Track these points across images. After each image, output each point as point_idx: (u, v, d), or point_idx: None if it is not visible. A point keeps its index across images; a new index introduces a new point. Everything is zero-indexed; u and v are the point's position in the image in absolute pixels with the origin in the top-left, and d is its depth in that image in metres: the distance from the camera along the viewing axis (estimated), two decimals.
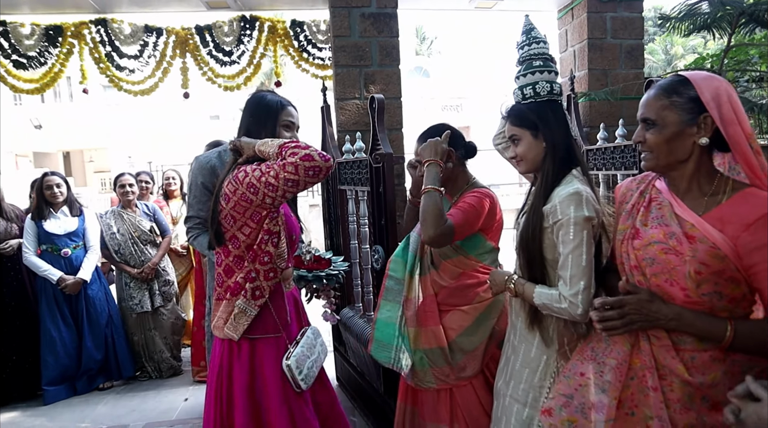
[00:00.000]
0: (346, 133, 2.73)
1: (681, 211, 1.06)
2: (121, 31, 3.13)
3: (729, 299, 1.01)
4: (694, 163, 1.06)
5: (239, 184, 1.36)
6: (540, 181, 1.31)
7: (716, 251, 0.99)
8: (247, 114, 1.53)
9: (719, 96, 1.01)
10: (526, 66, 1.37)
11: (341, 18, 2.81)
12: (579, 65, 3.22)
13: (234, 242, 1.42)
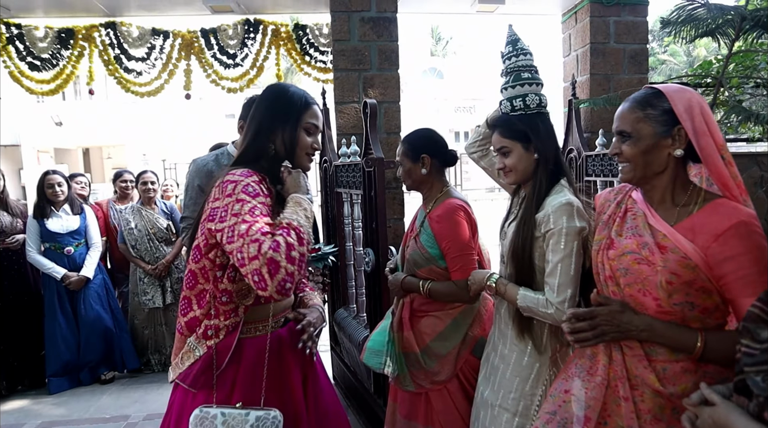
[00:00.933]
0: (344, 136, 2.78)
1: (654, 222, 1.07)
2: (130, 34, 3.24)
3: (701, 309, 1.02)
4: (669, 175, 1.08)
5: (222, 194, 1.11)
6: (532, 192, 1.34)
7: (687, 261, 1.00)
8: (263, 107, 1.26)
9: (692, 108, 1.03)
10: (514, 77, 1.39)
11: (341, 22, 2.86)
12: (582, 69, 3.20)
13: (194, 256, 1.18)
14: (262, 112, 1.25)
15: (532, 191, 1.34)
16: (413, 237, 1.71)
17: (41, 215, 3.08)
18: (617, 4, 3.08)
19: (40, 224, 3.10)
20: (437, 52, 17.36)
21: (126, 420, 2.78)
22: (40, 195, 3.10)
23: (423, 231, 1.67)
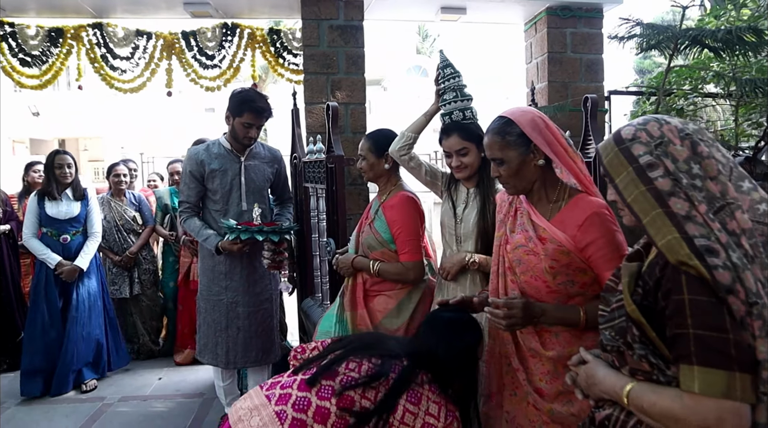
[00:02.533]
0: (313, 134, 3.17)
1: (536, 218, 1.36)
2: (115, 34, 3.62)
3: (580, 285, 1.31)
4: (540, 180, 1.37)
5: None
6: (484, 183, 1.77)
7: (562, 248, 1.29)
8: None
9: (537, 126, 1.31)
10: (459, 94, 1.86)
11: (311, 29, 3.26)
12: (541, 77, 3.62)
13: None
14: (449, 352, 1.42)
15: (485, 183, 1.76)
16: (368, 223, 2.10)
17: (48, 196, 3.09)
18: (573, 17, 3.50)
19: (40, 207, 3.09)
20: (424, 49, 17.79)
21: (102, 401, 3.10)
22: (48, 175, 3.12)
23: (377, 217, 2.05)
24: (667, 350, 0.87)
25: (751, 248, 0.85)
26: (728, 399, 0.78)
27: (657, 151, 0.90)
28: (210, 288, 2.53)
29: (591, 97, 2.50)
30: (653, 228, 0.88)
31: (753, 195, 0.91)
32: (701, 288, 0.82)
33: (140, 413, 2.96)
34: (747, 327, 0.80)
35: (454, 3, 3.47)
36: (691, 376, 0.81)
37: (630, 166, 0.91)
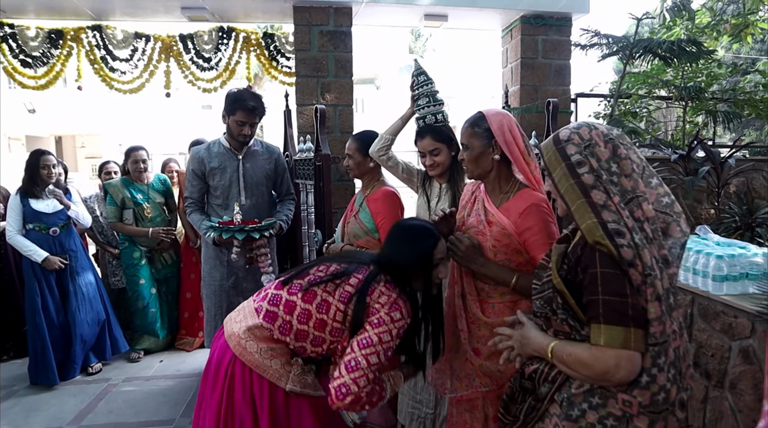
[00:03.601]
0: (304, 134, 3.31)
1: (488, 205, 1.57)
2: (114, 36, 3.70)
3: (516, 263, 1.52)
4: (495, 172, 1.56)
5: (384, 305, 1.39)
6: (454, 179, 1.94)
7: (504, 231, 1.50)
8: None
9: (502, 126, 1.53)
10: (432, 99, 2.03)
11: (302, 34, 3.39)
12: (514, 80, 3.80)
13: None
14: (405, 254, 1.52)
15: (455, 179, 1.93)
16: (353, 215, 2.26)
17: (31, 195, 3.08)
18: (544, 25, 3.68)
19: (24, 204, 3.07)
20: (416, 49, 17.91)
21: (107, 382, 3.22)
22: (32, 175, 3.09)
23: (362, 210, 2.22)
24: (582, 314, 1.05)
25: (652, 232, 1.04)
26: (625, 349, 0.97)
27: (585, 152, 1.07)
28: (212, 274, 2.60)
29: (553, 101, 2.68)
30: (578, 214, 1.04)
31: (659, 190, 1.10)
32: (610, 262, 0.99)
33: (143, 391, 3.08)
34: (642, 293, 0.99)
35: (436, 11, 3.63)
36: (599, 332, 1.00)
37: (563, 162, 1.08)
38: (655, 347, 0.99)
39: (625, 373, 0.98)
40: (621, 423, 1.02)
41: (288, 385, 1.45)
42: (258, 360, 1.45)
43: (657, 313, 0.99)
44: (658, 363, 1.00)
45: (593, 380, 1.03)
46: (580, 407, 1.06)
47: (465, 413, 1.60)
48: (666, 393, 1.01)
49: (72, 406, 2.90)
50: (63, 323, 3.21)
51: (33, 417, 2.79)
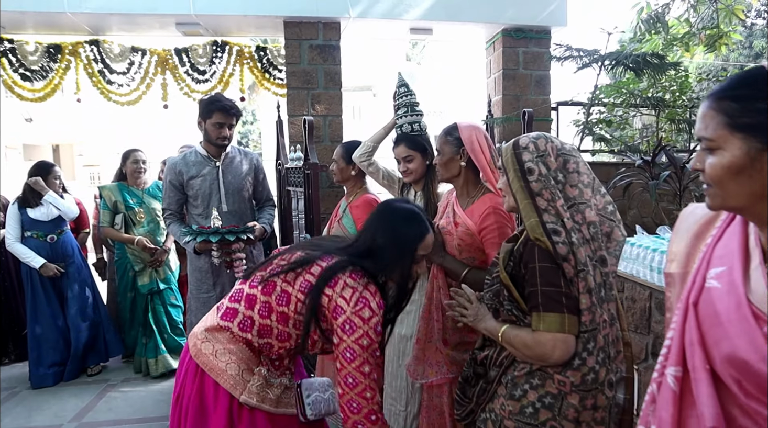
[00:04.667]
0: (294, 144, 3.46)
1: (456, 208, 1.72)
2: (111, 50, 3.85)
3: (479, 261, 1.66)
4: (463, 177, 1.73)
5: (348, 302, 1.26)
6: (428, 186, 2.07)
7: (468, 231, 1.64)
8: None
9: (471, 137, 1.70)
10: (410, 109, 2.15)
11: (293, 48, 3.55)
12: (497, 90, 3.96)
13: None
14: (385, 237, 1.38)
15: (429, 187, 2.05)
16: (337, 220, 2.40)
17: (27, 205, 3.18)
18: (525, 38, 3.85)
19: (21, 212, 3.18)
20: (413, 56, 18.15)
21: (106, 383, 3.32)
22: (30, 184, 3.19)
23: (345, 215, 2.35)
24: (525, 304, 1.19)
25: (591, 234, 1.18)
26: (560, 333, 1.12)
27: (537, 161, 1.21)
28: (199, 287, 2.55)
29: (528, 111, 2.85)
30: (524, 212, 1.19)
31: (606, 198, 1.26)
32: (547, 257, 1.13)
33: (141, 391, 3.19)
34: (575, 285, 1.13)
35: (421, 25, 3.79)
36: (538, 319, 1.14)
37: (517, 166, 1.22)
38: (585, 334, 1.14)
39: (560, 353, 1.13)
40: (557, 400, 1.16)
41: (243, 396, 1.31)
42: (213, 362, 1.34)
43: (587, 304, 1.13)
44: (588, 348, 1.14)
45: (535, 360, 1.17)
46: (522, 387, 1.20)
47: (436, 398, 1.74)
48: (595, 374, 1.15)
49: (73, 405, 3.01)
50: (62, 327, 3.30)
51: (35, 415, 2.89)
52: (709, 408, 0.76)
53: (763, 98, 0.72)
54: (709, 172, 0.77)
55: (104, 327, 3.48)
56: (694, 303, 0.82)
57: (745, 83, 0.75)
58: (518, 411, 1.21)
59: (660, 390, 0.85)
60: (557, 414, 1.17)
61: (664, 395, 0.84)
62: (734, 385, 0.75)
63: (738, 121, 0.73)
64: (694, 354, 0.80)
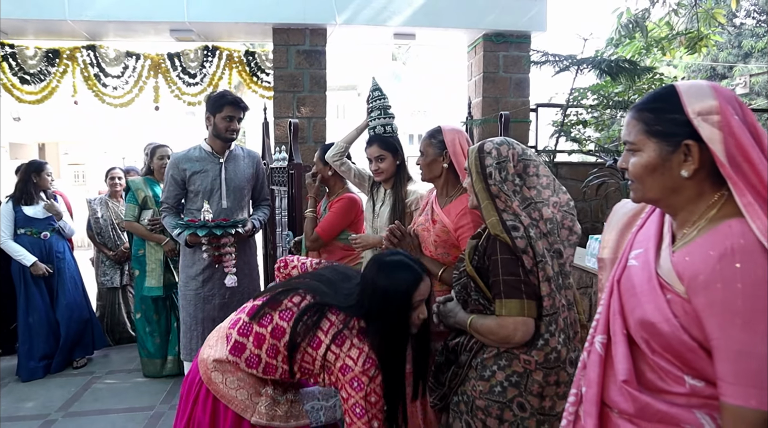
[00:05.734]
0: (280, 145, 3.74)
1: (435, 206, 1.85)
2: (107, 55, 4.16)
3: (453, 257, 1.78)
4: (444, 178, 1.85)
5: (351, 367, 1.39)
6: (398, 186, 2.33)
7: (445, 228, 1.76)
8: None
9: (454, 140, 1.82)
10: (383, 112, 2.42)
11: (281, 53, 3.85)
12: (477, 93, 4.26)
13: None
14: (378, 295, 1.45)
15: (398, 186, 2.33)
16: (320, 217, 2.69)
17: (24, 202, 3.36)
18: (505, 42, 4.15)
19: (16, 210, 3.33)
20: (399, 56, 18.51)
21: (92, 375, 3.54)
22: (27, 181, 3.38)
23: (324, 213, 2.65)
24: (490, 293, 1.36)
25: (549, 229, 1.38)
26: (521, 316, 1.29)
27: (498, 166, 1.38)
28: (188, 283, 2.63)
29: (505, 113, 3.13)
30: (485, 211, 1.37)
31: (567, 196, 1.48)
32: (507, 250, 1.31)
33: (126, 382, 3.41)
34: (535, 275, 1.31)
35: (405, 30, 4.09)
36: (501, 306, 1.31)
37: (480, 169, 1.39)
38: (547, 317, 1.31)
39: (521, 335, 1.30)
40: (522, 378, 1.33)
41: (254, 417, 1.45)
42: (223, 390, 1.47)
43: (547, 291, 1.31)
44: (550, 329, 1.31)
45: (500, 343, 1.34)
46: (491, 369, 1.36)
47: (408, 387, 1.95)
48: (557, 353, 1.31)
49: (59, 396, 3.16)
50: (52, 320, 3.49)
51: (23, 405, 3.08)
52: (623, 365, 0.95)
53: (673, 111, 0.90)
54: (632, 169, 0.96)
55: (93, 322, 3.69)
56: (617, 280, 1.01)
57: (660, 98, 0.94)
58: (488, 391, 1.36)
59: (590, 356, 1.04)
60: (523, 391, 1.33)
61: (593, 359, 1.02)
62: (644, 344, 0.93)
63: (653, 128, 0.92)
64: (616, 322, 0.99)
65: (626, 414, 0.96)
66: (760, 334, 0.78)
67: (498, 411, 1.35)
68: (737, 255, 0.81)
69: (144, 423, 2.87)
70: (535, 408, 1.34)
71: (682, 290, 0.86)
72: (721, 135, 0.86)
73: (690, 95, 0.90)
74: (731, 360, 0.80)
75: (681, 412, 0.88)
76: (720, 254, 0.82)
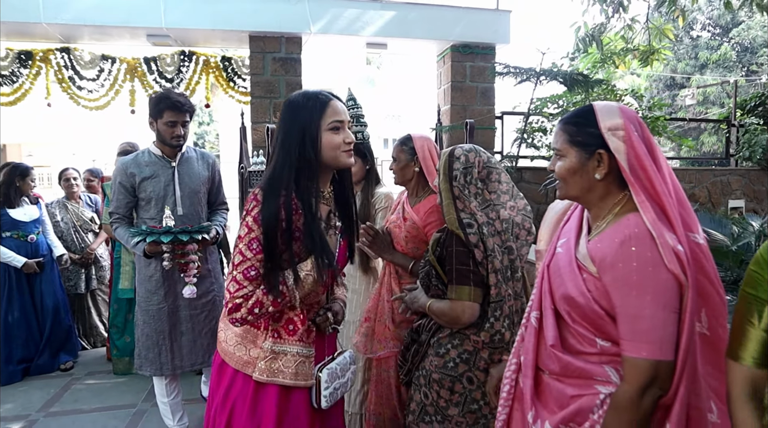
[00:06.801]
0: (258, 148, 3.92)
1: (406, 206, 2.08)
2: (82, 58, 4.23)
3: (422, 251, 1.99)
4: (415, 181, 2.08)
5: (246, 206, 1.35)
6: (366, 188, 2.54)
7: (415, 225, 2.00)
8: (283, 123, 1.40)
9: (423, 147, 2.06)
10: (356, 121, 2.66)
11: (257, 60, 4.03)
12: (446, 101, 4.54)
13: None
14: (283, 128, 1.36)
15: (367, 188, 2.55)
16: None
17: (8, 205, 3.43)
18: (471, 53, 4.45)
19: (1, 214, 3.39)
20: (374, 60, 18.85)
21: (71, 376, 3.61)
22: (11, 185, 3.43)
23: None
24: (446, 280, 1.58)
25: (503, 228, 1.59)
26: (468, 301, 1.52)
27: (464, 170, 1.59)
28: (149, 298, 2.48)
29: (470, 121, 3.42)
30: (446, 208, 1.58)
31: (524, 201, 1.71)
32: (461, 244, 1.53)
33: (107, 383, 3.49)
34: (484, 267, 1.52)
35: (376, 40, 4.34)
36: (452, 291, 1.54)
37: (448, 171, 1.60)
38: (493, 304, 1.53)
39: (467, 317, 1.52)
40: (472, 355, 1.55)
41: (255, 374, 1.39)
42: (226, 349, 1.47)
43: (494, 281, 1.53)
44: (496, 315, 1.54)
45: (450, 324, 1.56)
46: (445, 347, 1.58)
47: (384, 372, 2.08)
48: (501, 335, 1.54)
49: (38, 398, 3.22)
50: (33, 325, 3.55)
51: (2, 407, 3.11)
52: (551, 332, 1.19)
53: (590, 125, 1.15)
54: (558, 172, 1.19)
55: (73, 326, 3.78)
56: (547, 265, 1.24)
57: (581, 114, 1.18)
58: (442, 366, 1.57)
59: (527, 330, 1.27)
60: (472, 366, 1.55)
61: (530, 331, 1.25)
62: (566, 315, 1.16)
63: (575, 139, 1.16)
64: (546, 299, 1.22)
65: (554, 374, 1.20)
66: (648, 300, 1.03)
67: (450, 384, 1.58)
68: (633, 240, 1.06)
69: (127, 420, 2.96)
70: (481, 382, 1.57)
71: (594, 270, 1.10)
72: (624, 147, 1.11)
73: (603, 113, 1.15)
74: (628, 322, 1.05)
75: (593, 367, 1.13)
76: (621, 240, 1.07)
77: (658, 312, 1.03)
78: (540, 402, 1.23)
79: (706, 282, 1.11)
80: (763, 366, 0.98)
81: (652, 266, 1.04)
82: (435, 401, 1.60)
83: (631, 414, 1.04)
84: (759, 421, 0.97)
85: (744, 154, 5.83)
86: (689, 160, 10.00)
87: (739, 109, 6.21)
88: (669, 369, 1.04)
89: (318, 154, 1.35)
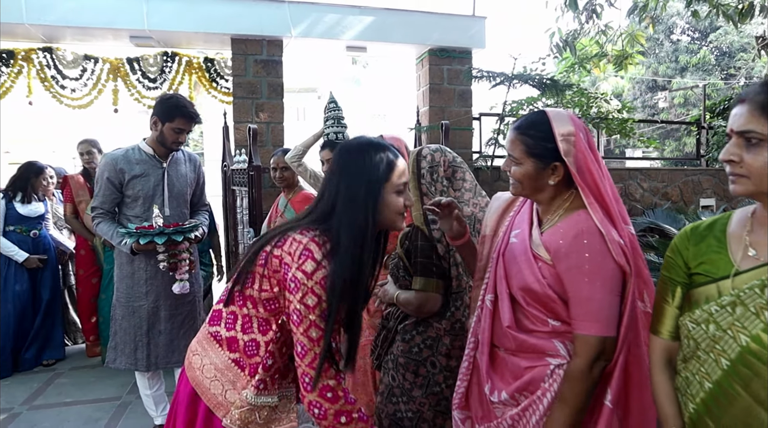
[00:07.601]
0: (239, 148, 4.04)
1: None
2: (64, 57, 4.30)
3: (393, 245, 1.93)
4: None
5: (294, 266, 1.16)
6: None
7: None
8: (346, 175, 1.26)
9: (400, 148, 2.31)
10: (337, 122, 2.82)
11: (239, 61, 4.16)
12: (425, 102, 4.72)
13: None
14: (347, 179, 1.23)
15: None
16: (279, 215, 3.02)
17: (21, 200, 3.55)
18: (449, 56, 4.64)
19: (9, 208, 3.50)
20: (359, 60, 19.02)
21: (54, 371, 3.69)
22: (26, 181, 3.60)
23: (287, 210, 2.99)
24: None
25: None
26: (430, 292, 1.64)
27: (431, 169, 1.69)
28: (129, 295, 2.50)
29: (445, 123, 3.59)
30: (414, 206, 1.67)
31: (487, 199, 1.83)
32: (425, 239, 1.65)
33: (91, 376, 3.59)
34: (446, 260, 1.65)
35: (356, 44, 4.49)
36: (417, 282, 1.65)
37: (416, 170, 1.70)
38: (454, 294, 1.67)
39: (429, 306, 1.65)
40: (435, 342, 1.68)
41: (224, 420, 1.26)
42: (199, 378, 1.31)
43: (455, 274, 1.67)
44: (456, 304, 1.68)
45: (415, 313, 1.67)
46: (411, 333, 1.70)
47: (360, 360, 2.17)
48: (461, 323, 1.67)
49: (22, 392, 3.29)
50: (30, 321, 3.63)
51: None
52: (507, 314, 1.32)
53: (545, 139, 1.27)
54: (514, 175, 1.33)
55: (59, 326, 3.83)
56: (502, 253, 1.38)
57: (536, 124, 1.29)
58: (408, 350, 1.69)
59: (482, 311, 1.40)
60: (435, 352, 1.67)
61: (485, 312, 1.38)
62: (521, 299, 1.30)
63: (532, 151, 1.28)
64: (502, 284, 1.35)
65: (509, 350, 1.37)
66: (598, 286, 1.20)
67: (414, 367, 1.70)
68: (585, 234, 1.23)
69: (111, 412, 3.04)
70: (443, 366, 1.69)
71: (548, 258, 1.27)
72: (574, 151, 1.28)
73: (557, 121, 1.30)
74: (580, 304, 1.22)
75: (545, 343, 1.30)
76: (575, 233, 1.24)
77: (606, 296, 1.20)
78: (496, 375, 1.39)
79: (643, 266, 1.29)
80: (676, 339, 1.16)
81: (602, 257, 1.21)
82: (401, 383, 1.72)
83: (584, 384, 1.21)
84: (672, 382, 1.16)
85: (713, 155, 6.13)
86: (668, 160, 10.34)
87: (709, 112, 6.51)
88: (613, 343, 1.22)
89: (376, 213, 1.23)
